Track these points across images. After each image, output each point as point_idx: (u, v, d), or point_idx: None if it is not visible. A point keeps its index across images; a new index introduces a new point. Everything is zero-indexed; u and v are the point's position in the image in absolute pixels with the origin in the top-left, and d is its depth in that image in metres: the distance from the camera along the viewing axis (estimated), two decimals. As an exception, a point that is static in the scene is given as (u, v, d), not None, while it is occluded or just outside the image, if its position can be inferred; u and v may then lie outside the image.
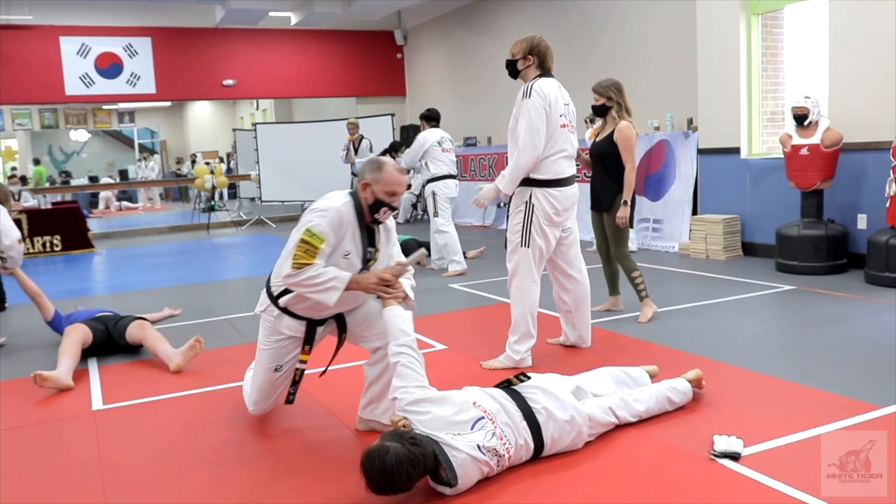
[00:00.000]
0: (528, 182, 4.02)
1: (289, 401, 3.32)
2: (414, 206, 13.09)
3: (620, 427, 3.08)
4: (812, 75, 7.30)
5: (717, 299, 5.53)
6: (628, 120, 4.93)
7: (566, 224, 4.15)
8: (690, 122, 8.28)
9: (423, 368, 2.83)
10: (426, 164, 7.57)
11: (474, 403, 2.72)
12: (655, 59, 9.08)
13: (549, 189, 4.00)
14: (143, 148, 25.45)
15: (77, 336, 4.57)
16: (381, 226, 3.19)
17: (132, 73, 13.08)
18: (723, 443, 2.76)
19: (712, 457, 2.72)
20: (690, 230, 7.70)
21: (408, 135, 14.87)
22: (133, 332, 4.71)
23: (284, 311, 3.16)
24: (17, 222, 10.66)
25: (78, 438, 3.40)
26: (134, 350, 4.75)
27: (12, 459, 3.16)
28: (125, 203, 22.14)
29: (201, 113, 26.35)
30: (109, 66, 12.87)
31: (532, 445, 2.77)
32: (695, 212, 7.89)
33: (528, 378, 2.98)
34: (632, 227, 5.16)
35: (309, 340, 3.22)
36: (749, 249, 7.36)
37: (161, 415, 3.66)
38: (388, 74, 15.48)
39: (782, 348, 4.34)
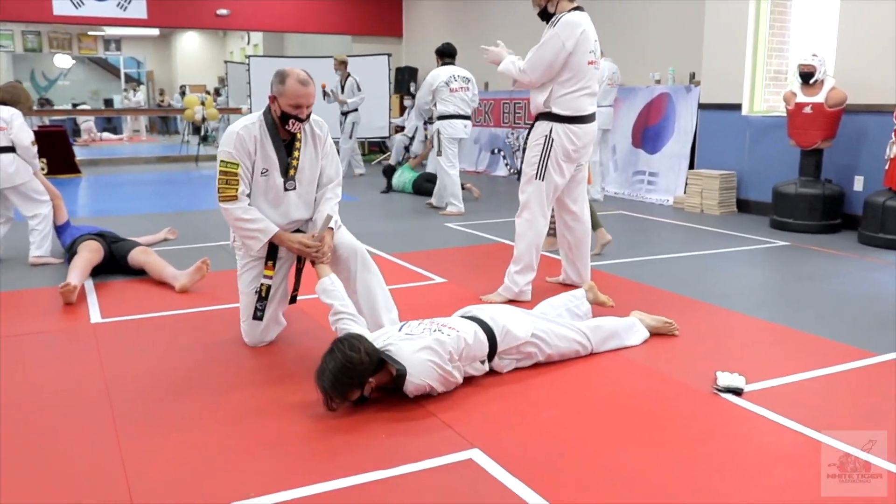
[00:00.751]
0: (548, 117, 4.00)
1: (256, 317, 3.31)
2: (406, 149, 12.95)
3: (604, 356, 3.16)
4: (818, 37, 7.25)
5: (711, 250, 5.57)
6: None
7: (580, 161, 4.15)
8: (693, 76, 8.22)
9: (362, 325, 2.96)
10: (435, 103, 7.44)
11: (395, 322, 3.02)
12: (659, 11, 8.95)
13: (570, 125, 3.97)
14: (128, 78, 24.90)
15: (92, 257, 4.56)
16: (308, 133, 3.27)
17: (124, -4, 12.71)
18: (725, 378, 2.81)
19: (715, 391, 2.77)
20: (686, 184, 7.71)
21: (402, 77, 14.68)
22: (136, 257, 4.68)
23: None
24: (2, 143, 10.47)
25: (79, 348, 3.39)
26: (131, 272, 4.71)
27: (13, 364, 3.14)
28: (107, 134, 21.71)
29: (190, 45, 25.77)
30: (100, -13, 12.49)
31: (477, 326, 2.85)
32: (691, 166, 7.89)
33: None
34: None
35: (271, 256, 3.29)
36: (743, 206, 7.40)
37: (159, 330, 3.65)
38: (386, 14, 15.17)
39: (778, 297, 4.39)
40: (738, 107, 7.42)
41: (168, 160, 14.24)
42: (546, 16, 4.02)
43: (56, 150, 10.89)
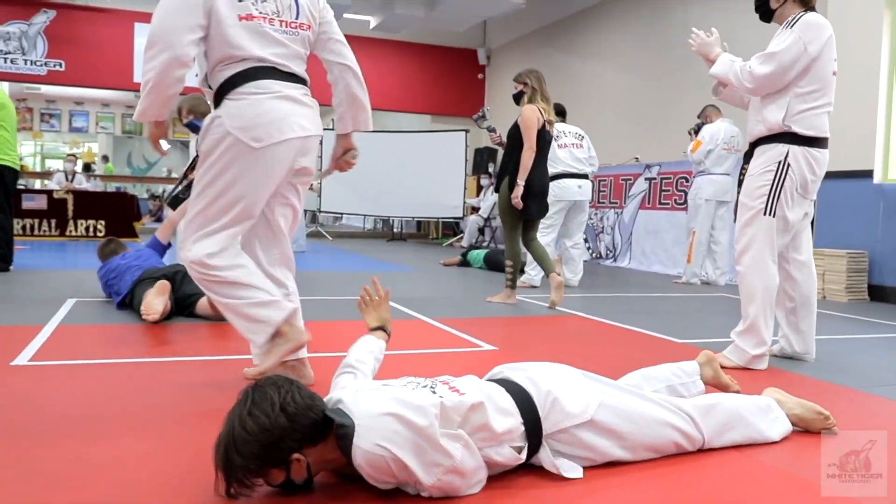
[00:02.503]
0: (784, 138, 3.22)
1: None
2: (481, 231, 12.08)
3: (724, 454, 1.96)
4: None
5: (849, 335, 4.31)
6: (539, 105, 5.04)
7: (813, 196, 3.34)
8: (809, 143, 7.07)
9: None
10: None
11: None
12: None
13: (811, 149, 3.22)
14: (218, 161, 25.29)
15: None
16: None
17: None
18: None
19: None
20: (803, 265, 6.44)
21: (481, 157, 14.01)
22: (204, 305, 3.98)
23: None
24: (63, 202, 10.19)
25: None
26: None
27: None
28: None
29: (278, 131, 26.15)
30: (180, 57, 12.47)
31: (500, 388, 1.80)
32: (809, 245, 6.64)
33: None
34: (528, 215, 5.03)
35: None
36: (877, 294, 6.06)
37: (89, 380, 2.67)
38: (468, 94, 14.70)
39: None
40: (867, 174, 6.20)
41: (235, 234, 13.81)
42: (767, 14, 3.40)
43: (116, 213, 10.55)
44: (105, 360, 2.94)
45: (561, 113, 6.81)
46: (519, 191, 4.90)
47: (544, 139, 5.08)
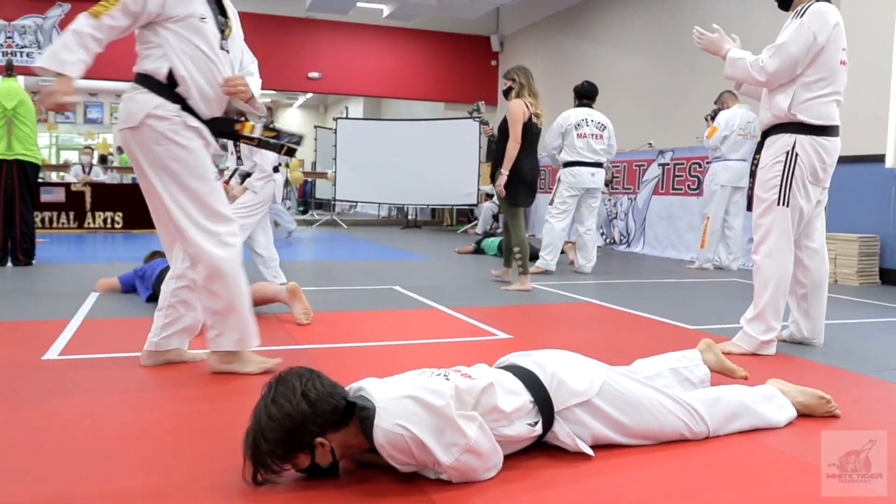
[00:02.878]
0: (790, 127, 3.29)
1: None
2: (495, 218, 12.14)
3: (731, 440, 2.04)
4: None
5: (860, 319, 4.36)
6: (526, 100, 5.24)
7: (825, 184, 3.40)
8: (822, 127, 7.07)
9: None
10: (562, 148, 6.61)
11: None
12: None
13: (819, 137, 3.28)
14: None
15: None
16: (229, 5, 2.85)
17: (216, 57, 12.73)
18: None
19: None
20: (816, 250, 6.47)
21: (493, 146, 14.04)
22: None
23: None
24: (81, 195, 10.34)
25: None
26: None
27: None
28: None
29: (292, 120, 26.33)
30: (193, 48, 12.57)
31: (508, 373, 1.92)
32: (821, 230, 6.66)
33: None
34: (513, 201, 5.24)
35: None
36: (889, 277, 6.08)
37: (120, 373, 2.78)
38: (481, 82, 14.70)
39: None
40: (880, 158, 6.21)
41: (251, 223, 13.92)
42: (785, 1, 3.43)
43: (133, 205, 10.66)
44: (135, 354, 3.04)
45: (589, 96, 6.77)
46: (502, 179, 5.14)
47: (532, 132, 5.25)
